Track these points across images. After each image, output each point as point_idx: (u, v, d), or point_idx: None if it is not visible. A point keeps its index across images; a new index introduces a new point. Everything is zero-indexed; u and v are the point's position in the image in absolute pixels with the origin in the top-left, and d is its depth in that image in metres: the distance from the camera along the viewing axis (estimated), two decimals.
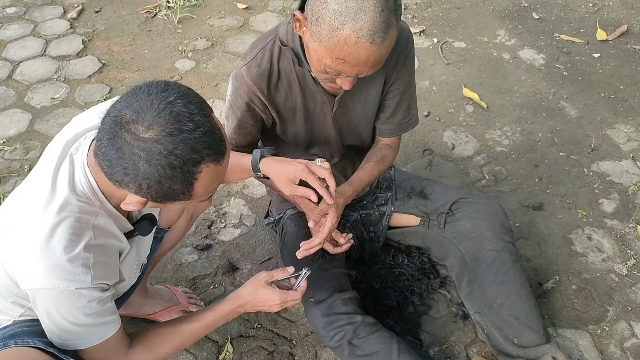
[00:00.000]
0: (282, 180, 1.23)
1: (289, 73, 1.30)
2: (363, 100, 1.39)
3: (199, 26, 2.96)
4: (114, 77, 2.58)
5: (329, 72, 1.12)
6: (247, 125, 1.37)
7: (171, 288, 1.63)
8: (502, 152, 2.20)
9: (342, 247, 1.47)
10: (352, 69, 1.09)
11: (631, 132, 2.28)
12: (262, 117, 1.37)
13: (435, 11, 3.07)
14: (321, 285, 1.42)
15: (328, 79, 1.18)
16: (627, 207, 1.97)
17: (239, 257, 1.80)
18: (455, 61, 2.69)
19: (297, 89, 1.32)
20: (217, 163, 0.88)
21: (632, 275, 1.75)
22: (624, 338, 1.59)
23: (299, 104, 1.35)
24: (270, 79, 1.29)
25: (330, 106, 1.36)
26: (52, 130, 2.26)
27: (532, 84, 2.54)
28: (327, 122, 1.40)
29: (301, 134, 1.42)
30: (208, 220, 1.91)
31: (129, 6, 3.12)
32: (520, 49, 2.76)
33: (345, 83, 1.16)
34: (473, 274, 1.56)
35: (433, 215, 1.61)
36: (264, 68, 1.27)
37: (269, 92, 1.30)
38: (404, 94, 1.40)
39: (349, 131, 1.45)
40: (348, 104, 1.38)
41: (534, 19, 2.98)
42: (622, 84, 2.53)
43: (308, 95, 1.34)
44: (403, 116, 1.45)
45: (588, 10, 3.04)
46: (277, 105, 1.34)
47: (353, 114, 1.41)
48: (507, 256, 1.51)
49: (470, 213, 1.57)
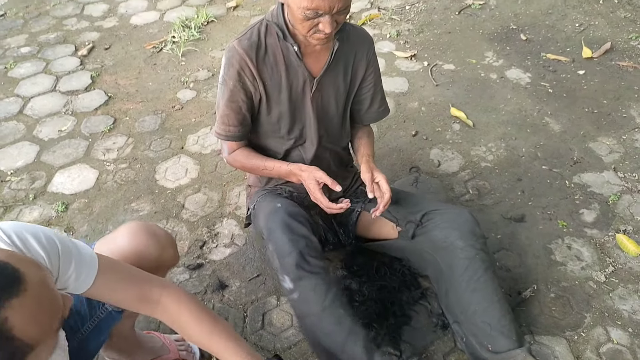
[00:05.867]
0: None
1: (274, 48, 1.46)
2: (336, 89, 1.56)
3: (202, 58, 3.12)
4: (119, 108, 2.74)
5: (309, 16, 1.27)
6: (238, 98, 1.49)
7: (162, 337, 1.63)
8: (487, 167, 2.27)
9: (338, 206, 1.53)
10: (325, 2, 1.24)
11: (613, 144, 2.33)
12: (251, 91, 1.49)
13: (427, 36, 3.19)
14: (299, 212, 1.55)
15: (311, 27, 1.32)
16: (607, 216, 2.01)
17: (228, 275, 1.89)
18: (444, 82, 2.79)
19: (282, 64, 1.47)
20: (18, 295, 0.72)
21: (609, 282, 1.78)
22: (600, 343, 1.61)
23: (284, 81, 1.49)
24: (258, 51, 1.44)
25: (310, 85, 1.50)
26: (58, 160, 2.41)
27: (518, 101, 2.62)
28: (306, 102, 1.54)
29: (285, 114, 1.55)
30: (200, 240, 2.00)
31: (137, 42, 3.32)
32: (507, 69, 2.85)
33: (326, 25, 1.29)
34: (449, 283, 1.61)
35: (402, 221, 1.67)
36: (253, 40, 1.44)
37: (258, 63, 1.45)
38: (376, 87, 1.65)
39: (322, 117, 1.60)
40: (324, 88, 1.54)
41: (521, 40, 3.07)
42: (605, 99, 2.59)
43: (291, 71, 1.48)
44: (379, 105, 1.70)
45: (574, 30, 3.12)
46: (264, 78, 1.47)
47: (327, 100, 1.57)
48: (479, 264, 1.55)
49: (442, 223, 1.62)
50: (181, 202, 2.17)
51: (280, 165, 1.57)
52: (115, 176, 2.32)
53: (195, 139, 2.50)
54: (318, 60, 1.49)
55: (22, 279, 0.74)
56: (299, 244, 1.43)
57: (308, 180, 1.50)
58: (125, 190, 2.24)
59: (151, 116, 2.67)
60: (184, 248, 1.97)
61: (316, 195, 1.50)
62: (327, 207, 1.51)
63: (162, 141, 2.51)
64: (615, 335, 1.63)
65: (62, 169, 2.36)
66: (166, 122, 2.63)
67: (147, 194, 2.22)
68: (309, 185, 1.50)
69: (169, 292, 1.13)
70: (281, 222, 1.47)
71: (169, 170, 2.34)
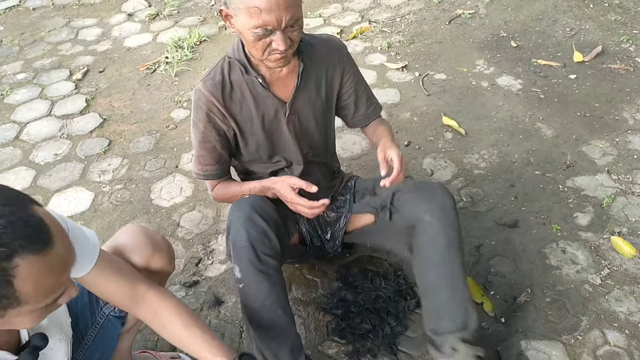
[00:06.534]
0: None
1: (240, 83, 1.46)
2: (312, 108, 1.55)
3: (195, 77, 3.16)
4: (114, 130, 2.77)
5: (260, 34, 1.26)
6: (211, 138, 1.49)
7: (157, 355, 1.64)
8: (480, 174, 2.27)
9: (319, 203, 1.46)
10: (271, 15, 1.21)
11: (606, 147, 2.33)
12: (223, 129, 1.49)
13: (418, 47, 3.22)
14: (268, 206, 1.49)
15: (265, 48, 1.30)
16: (602, 219, 2.00)
17: (224, 291, 1.89)
18: (436, 92, 2.81)
19: (249, 97, 1.47)
20: (37, 253, 0.78)
21: (605, 285, 1.77)
22: (597, 346, 1.60)
23: (254, 112, 1.49)
24: (224, 89, 1.45)
25: (283, 111, 1.50)
26: (54, 184, 2.43)
27: (509, 108, 2.63)
28: (282, 128, 1.53)
29: (262, 143, 1.55)
30: (196, 258, 2.01)
31: (131, 64, 3.36)
32: (498, 77, 2.86)
33: (279, 42, 1.26)
34: (414, 260, 1.55)
35: (379, 209, 1.63)
36: (217, 80, 1.44)
37: (225, 101, 1.45)
38: (357, 91, 1.63)
39: (303, 137, 1.58)
40: (299, 110, 1.52)
41: (512, 48, 3.09)
42: (597, 102, 2.60)
43: (260, 102, 1.48)
44: (366, 107, 1.67)
45: (565, 35, 3.15)
46: (234, 114, 1.48)
47: (305, 120, 1.56)
48: (441, 240, 1.47)
49: (412, 199, 1.56)
50: (176, 220, 2.18)
51: (255, 184, 1.56)
52: (111, 197, 2.33)
53: (189, 157, 2.52)
54: (286, 85, 1.48)
55: (49, 244, 0.80)
56: (256, 240, 1.39)
57: (282, 189, 1.48)
58: (121, 211, 2.25)
59: (146, 137, 2.70)
60: (179, 266, 1.97)
61: (295, 201, 1.46)
62: (310, 208, 1.45)
63: (157, 161, 2.52)
64: (612, 338, 1.62)
65: (58, 192, 2.38)
66: (160, 142, 2.65)
67: (142, 214, 2.23)
68: (285, 194, 1.47)
69: (156, 290, 1.20)
70: (243, 213, 1.42)
71: (164, 189, 2.35)
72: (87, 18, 3.98)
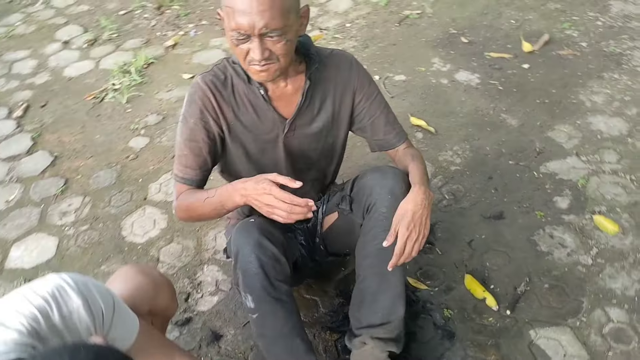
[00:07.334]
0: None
1: (241, 90, 1.38)
2: (315, 127, 1.45)
3: (148, 102, 3.01)
4: (68, 167, 2.59)
5: (235, 38, 1.19)
6: (199, 138, 1.37)
7: None
8: (457, 170, 2.29)
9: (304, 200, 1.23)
10: (244, 18, 1.14)
11: (570, 130, 2.42)
12: (213, 132, 1.38)
13: (373, 50, 3.22)
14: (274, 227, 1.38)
15: (245, 56, 1.22)
16: (580, 200, 2.06)
17: (220, 324, 1.79)
18: (399, 94, 2.82)
19: (249, 106, 1.38)
20: None
21: (597, 264, 1.82)
22: (602, 325, 1.64)
23: (250, 123, 1.40)
24: (224, 89, 1.36)
25: (282, 127, 1.41)
26: (11, 233, 2.23)
27: (472, 102, 2.68)
28: (277, 145, 1.45)
29: (252, 157, 1.45)
30: (184, 293, 1.90)
31: (75, 95, 3.17)
32: (455, 73, 2.91)
33: (254, 50, 1.18)
34: (358, 247, 1.46)
35: (340, 200, 1.56)
36: (219, 77, 1.37)
37: (222, 101, 1.36)
38: (373, 114, 1.48)
39: (299, 158, 1.50)
40: (299, 129, 1.44)
41: (463, 43, 3.16)
42: (554, 88, 2.69)
43: (260, 114, 1.39)
44: (384, 132, 1.51)
45: (511, 27, 3.25)
46: (228, 119, 1.38)
47: (304, 141, 1.47)
48: (380, 229, 1.37)
49: (364, 188, 1.47)
50: (155, 255, 2.06)
51: (221, 188, 1.34)
52: (78, 240, 2.17)
53: (158, 187, 2.39)
54: (291, 103, 1.40)
55: None
56: (267, 265, 1.31)
57: (259, 183, 1.22)
58: (92, 254, 2.10)
59: (105, 170, 2.54)
60: None
61: (278, 195, 1.20)
62: (290, 208, 1.19)
63: (122, 195, 2.38)
64: (614, 315, 1.66)
65: (17, 241, 2.19)
66: (122, 175, 2.50)
67: (116, 254, 2.08)
68: (263, 187, 1.21)
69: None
70: (252, 238, 1.32)
71: (135, 224, 2.21)
72: (19, 50, 3.72)
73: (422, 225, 1.32)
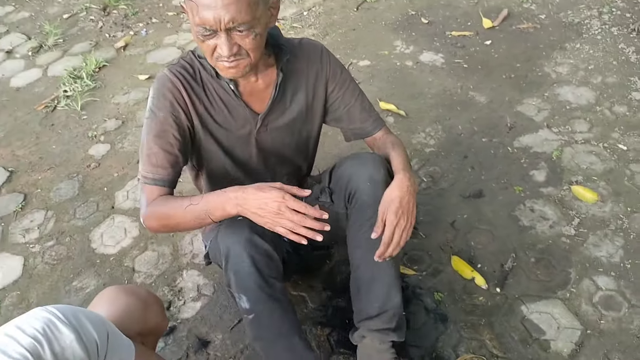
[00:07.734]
0: None
1: (210, 85, 1.31)
2: (289, 121, 1.40)
3: (104, 107, 2.87)
4: (26, 182, 2.43)
5: (203, 34, 1.12)
6: (169, 133, 1.26)
7: None
8: (432, 152, 2.27)
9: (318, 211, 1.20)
10: (208, 13, 1.07)
11: (539, 103, 2.43)
12: (184, 126, 1.29)
13: (333, 37, 3.17)
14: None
15: (212, 52, 1.16)
16: (556, 172, 2.08)
17: (207, 330, 1.71)
18: (365, 79, 2.77)
19: (219, 102, 1.32)
20: None
21: (580, 234, 1.83)
22: (592, 294, 1.65)
23: (221, 119, 1.34)
24: (195, 81, 1.30)
25: (254, 124, 1.36)
26: None
27: (440, 82, 2.66)
28: (250, 141, 1.39)
29: (225, 152, 1.39)
30: (165, 301, 1.81)
31: (25, 105, 2.99)
32: (419, 54, 2.89)
33: (221, 45, 1.12)
34: (347, 237, 1.44)
35: (320, 192, 1.52)
36: (188, 70, 1.30)
37: (193, 94, 1.29)
38: (347, 102, 1.45)
39: (272, 154, 1.45)
40: (272, 124, 1.38)
41: (424, 24, 3.14)
42: (518, 62, 2.71)
43: (231, 110, 1.33)
44: (361, 120, 1.48)
45: (469, 4, 3.25)
46: (200, 112, 1.31)
47: (278, 136, 1.41)
48: (365, 219, 1.35)
49: (344, 172, 1.43)
50: (130, 265, 1.95)
51: (210, 194, 1.22)
52: (45, 257, 2.04)
53: (125, 194, 2.28)
54: (263, 98, 1.34)
55: None
56: (260, 263, 1.24)
57: (267, 192, 1.13)
58: (62, 270, 1.98)
59: (66, 182, 2.40)
60: None
61: (291, 205, 1.12)
62: (301, 221, 1.13)
63: (88, 205, 2.25)
64: (602, 283, 1.68)
65: None
66: (85, 184, 2.37)
67: (87, 267, 1.97)
68: (273, 195, 1.12)
69: None
70: (242, 236, 1.24)
71: (105, 234, 2.10)
72: None
73: (409, 212, 1.29)
